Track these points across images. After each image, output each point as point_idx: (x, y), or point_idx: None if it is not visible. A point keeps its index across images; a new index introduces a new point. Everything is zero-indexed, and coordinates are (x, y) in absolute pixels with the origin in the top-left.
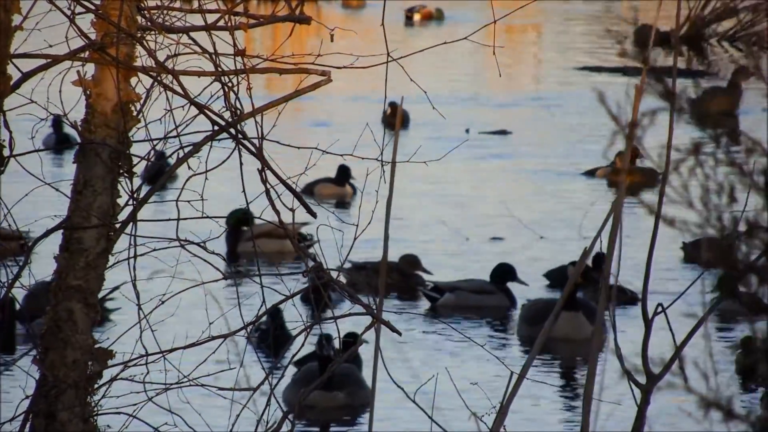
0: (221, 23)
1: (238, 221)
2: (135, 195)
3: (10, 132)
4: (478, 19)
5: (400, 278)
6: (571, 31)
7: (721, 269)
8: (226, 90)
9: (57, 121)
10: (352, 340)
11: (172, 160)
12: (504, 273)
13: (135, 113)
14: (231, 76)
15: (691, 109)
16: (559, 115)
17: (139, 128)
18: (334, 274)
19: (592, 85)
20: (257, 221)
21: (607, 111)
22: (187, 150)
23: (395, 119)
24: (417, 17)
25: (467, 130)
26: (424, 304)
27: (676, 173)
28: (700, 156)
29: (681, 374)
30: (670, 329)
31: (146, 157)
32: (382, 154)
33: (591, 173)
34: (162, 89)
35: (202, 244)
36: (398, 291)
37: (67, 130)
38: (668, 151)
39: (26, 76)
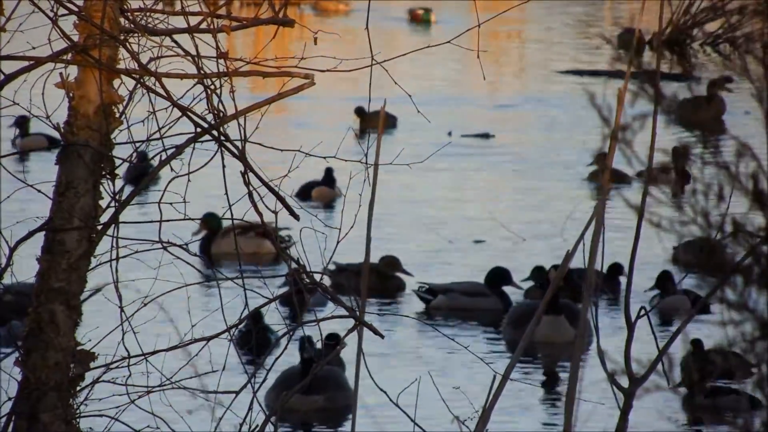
0: (204, 26)
1: (212, 227)
2: (117, 197)
3: None
4: (465, 23)
5: (379, 280)
6: (553, 34)
7: (706, 270)
8: (209, 92)
9: (20, 122)
10: (334, 342)
11: (155, 162)
12: (498, 276)
13: (117, 115)
14: (213, 79)
15: (678, 114)
16: (541, 118)
17: (121, 130)
18: (317, 277)
19: (576, 89)
20: (228, 223)
21: (598, 113)
22: (169, 152)
23: (364, 124)
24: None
25: (450, 133)
26: (406, 306)
27: (662, 175)
28: (686, 159)
29: (665, 376)
30: (653, 332)
31: (129, 159)
32: (365, 156)
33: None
34: (145, 91)
35: (184, 246)
36: (378, 293)
37: (37, 129)
38: (651, 153)
39: (9, 78)
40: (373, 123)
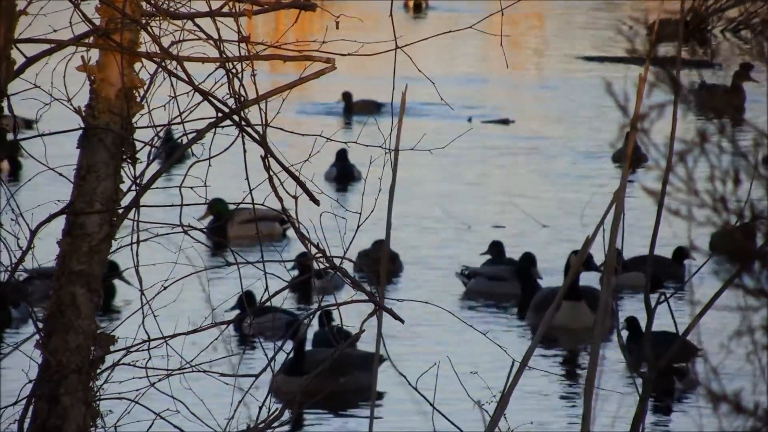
0: (226, 10)
1: (219, 211)
2: (138, 180)
3: (14, 117)
4: (465, 9)
5: (375, 265)
6: (573, 21)
7: (730, 257)
8: (230, 76)
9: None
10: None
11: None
12: (523, 262)
13: (139, 99)
14: (235, 63)
15: (698, 102)
16: (561, 104)
17: (142, 114)
18: (337, 261)
19: (595, 75)
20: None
21: (615, 101)
22: (190, 136)
23: (354, 109)
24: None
25: (470, 119)
26: (419, 290)
27: (681, 162)
28: (705, 145)
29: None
30: (673, 319)
31: (150, 143)
32: (385, 141)
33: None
34: (166, 75)
35: (204, 230)
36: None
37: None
38: (671, 141)
39: (30, 61)
40: (358, 109)
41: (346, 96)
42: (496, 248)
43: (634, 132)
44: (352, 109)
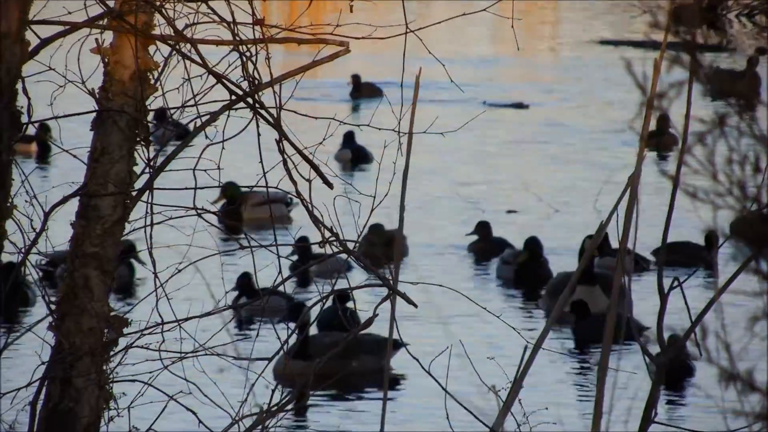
0: None
1: (233, 195)
2: (152, 163)
3: (29, 98)
4: None
5: (372, 248)
6: (589, 4)
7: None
8: (244, 59)
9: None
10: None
11: (190, 127)
12: (529, 245)
13: (153, 82)
14: (249, 46)
15: (714, 85)
16: (575, 88)
17: (156, 97)
18: (350, 245)
19: (611, 59)
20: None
21: (634, 80)
22: (204, 119)
23: (359, 92)
24: None
25: (484, 102)
26: (430, 271)
27: (699, 143)
28: (723, 127)
29: (698, 347)
30: (686, 303)
31: (164, 126)
32: (398, 125)
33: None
34: (180, 58)
35: (218, 213)
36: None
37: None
38: (686, 121)
39: (44, 43)
40: (366, 93)
41: (356, 78)
42: (483, 229)
43: (650, 111)
44: (361, 91)
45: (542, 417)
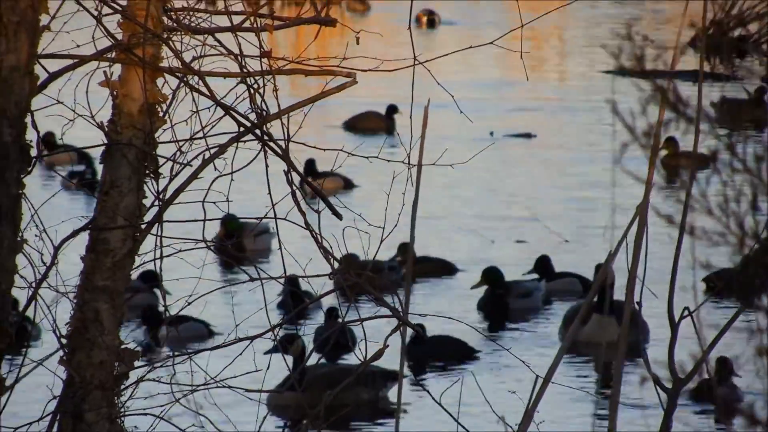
0: (247, 24)
1: (232, 227)
2: (161, 196)
3: (38, 132)
4: (476, 23)
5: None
6: (595, 34)
7: (739, 296)
8: (252, 91)
9: (46, 139)
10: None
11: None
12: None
13: (161, 114)
14: (257, 78)
15: (722, 116)
16: (582, 119)
17: (165, 129)
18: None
19: (620, 89)
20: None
21: (621, 120)
22: (212, 151)
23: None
24: (425, 20)
25: (492, 133)
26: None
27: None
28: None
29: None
30: (697, 333)
31: (172, 158)
32: (408, 157)
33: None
34: (188, 90)
35: (227, 246)
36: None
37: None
38: (694, 160)
39: (53, 77)
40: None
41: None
42: (543, 265)
43: (655, 156)
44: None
45: None
